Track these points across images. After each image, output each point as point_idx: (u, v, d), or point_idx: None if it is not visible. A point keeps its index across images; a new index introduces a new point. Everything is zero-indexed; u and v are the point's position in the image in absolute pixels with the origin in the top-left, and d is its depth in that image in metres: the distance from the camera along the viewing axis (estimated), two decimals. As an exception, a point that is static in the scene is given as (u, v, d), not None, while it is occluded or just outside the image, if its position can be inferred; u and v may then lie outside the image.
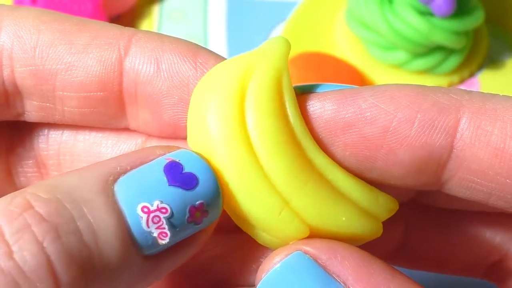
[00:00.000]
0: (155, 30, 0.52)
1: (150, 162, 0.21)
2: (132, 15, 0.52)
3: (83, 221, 0.19)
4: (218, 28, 0.52)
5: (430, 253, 0.27)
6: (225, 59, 0.23)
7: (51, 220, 0.19)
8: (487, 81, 0.49)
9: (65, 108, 0.24)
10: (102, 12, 0.49)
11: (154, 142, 0.25)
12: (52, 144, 0.26)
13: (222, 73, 0.22)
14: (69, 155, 0.26)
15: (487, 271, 0.27)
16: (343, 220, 0.21)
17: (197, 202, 0.20)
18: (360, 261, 0.20)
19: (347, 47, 0.50)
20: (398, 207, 0.22)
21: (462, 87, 0.49)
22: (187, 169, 0.21)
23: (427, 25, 0.45)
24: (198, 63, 0.23)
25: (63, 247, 0.19)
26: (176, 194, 0.20)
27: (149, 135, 0.25)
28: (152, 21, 0.52)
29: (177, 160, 0.21)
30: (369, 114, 0.21)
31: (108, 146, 0.25)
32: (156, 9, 0.53)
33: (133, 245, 0.20)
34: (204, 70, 0.23)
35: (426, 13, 0.45)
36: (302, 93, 0.22)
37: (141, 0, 0.53)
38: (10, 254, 0.18)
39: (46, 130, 0.26)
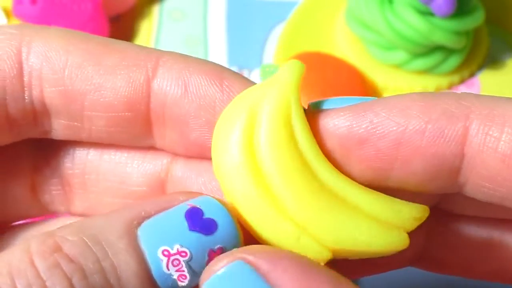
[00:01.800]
0: (155, 30, 0.52)
1: (172, 208, 0.22)
2: (132, 15, 0.52)
3: (107, 262, 0.20)
4: (218, 28, 0.52)
5: (455, 258, 0.27)
6: (248, 79, 0.24)
7: (78, 261, 0.20)
8: (487, 81, 0.49)
9: (93, 127, 0.25)
10: (102, 12, 0.49)
11: (180, 162, 0.26)
12: (77, 163, 0.26)
13: (234, 106, 0.22)
14: (95, 175, 0.26)
15: None
16: (362, 239, 0.21)
17: (216, 247, 0.21)
18: (302, 272, 0.20)
19: (347, 47, 0.49)
20: (427, 213, 0.22)
21: (462, 87, 0.49)
22: (207, 214, 0.21)
23: (427, 25, 0.45)
24: (224, 86, 0.24)
25: (89, 285, 0.20)
26: (195, 238, 0.21)
27: (175, 154, 0.26)
28: (152, 21, 0.52)
29: (198, 206, 0.22)
30: (381, 128, 0.21)
31: (133, 167, 0.26)
32: (156, 9, 0.53)
33: (154, 287, 0.21)
34: (230, 93, 0.23)
35: (426, 13, 0.45)
36: (317, 111, 0.22)
37: (141, 0, 0.53)
38: None
39: (72, 149, 0.26)
